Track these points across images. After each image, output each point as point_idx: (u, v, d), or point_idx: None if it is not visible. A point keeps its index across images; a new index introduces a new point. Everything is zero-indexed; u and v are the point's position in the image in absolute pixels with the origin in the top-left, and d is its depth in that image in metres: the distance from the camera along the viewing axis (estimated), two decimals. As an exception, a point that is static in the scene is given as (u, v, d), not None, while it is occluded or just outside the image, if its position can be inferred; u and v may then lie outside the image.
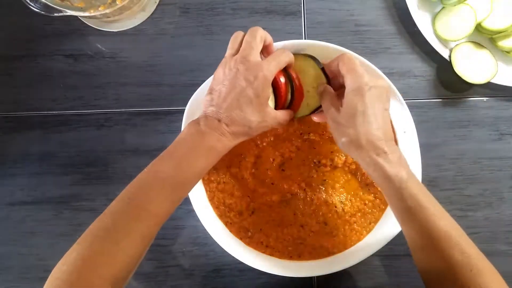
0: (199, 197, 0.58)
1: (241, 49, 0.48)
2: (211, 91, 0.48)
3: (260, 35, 0.48)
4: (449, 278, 0.41)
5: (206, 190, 0.59)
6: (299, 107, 0.56)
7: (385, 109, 0.46)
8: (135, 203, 0.43)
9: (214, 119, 0.46)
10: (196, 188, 0.57)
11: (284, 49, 0.50)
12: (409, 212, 0.43)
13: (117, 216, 0.42)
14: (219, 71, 0.49)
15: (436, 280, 0.43)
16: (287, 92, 0.55)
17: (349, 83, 0.46)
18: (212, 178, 0.59)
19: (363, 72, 0.46)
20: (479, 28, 0.64)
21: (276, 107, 0.55)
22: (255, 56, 0.47)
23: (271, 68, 0.47)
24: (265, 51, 0.51)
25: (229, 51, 0.49)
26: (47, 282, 0.40)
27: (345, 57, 0.47)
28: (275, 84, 0.55)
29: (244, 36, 0.49)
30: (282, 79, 0.55)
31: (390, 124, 0.47)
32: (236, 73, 0.46)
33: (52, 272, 0.40)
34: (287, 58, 0.49)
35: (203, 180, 0.59)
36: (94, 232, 0.42)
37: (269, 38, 0.50)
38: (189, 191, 0.47)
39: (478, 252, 0.42)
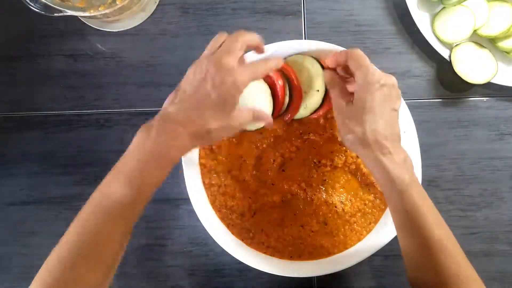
0: (200, 201, 0.58)
1: (218, 50, 0.44)
2: (177, 89, 0.46)
3: (243, 40, 0.44)
4: (437, 283, 0.42)
5: (208, 195, 0.59)
6: (298, 108, 0.56)
7: (394, 109, 0.46)
8: (90, 236, 0.42)
9: (170, 122, 0.43)
10: (197, 193, 0.58)
11: (272, 58, 0.47)
12: (406, 216, 0.44)
13: (75, 248, 0.42)
14: (191, 70, 0.45)
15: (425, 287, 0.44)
16: (284, 95, 0.55)
17: (359, 79, 0.45)
18: (213, 182, 0.59)
19: (374, 70, 0.45)
20: (477, 33, 0.64)
21: (274, 110, 0.55)
22: (230, 60, 0.42)
23: (243, 76, 0.42)
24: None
25: (206, 51, 0.47)
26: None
27: (355, 54, 0.47)
28: (272, 87, 0.55)
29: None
30: (280, 82, 0.55)
31: (398, 125, 0.47)
32: (205, 75, 0.43)
33: None
34: (265, 68, 0.45)
35: (204, 184, 0.59)
36: (50, 265, 0.41)
37: (255, 42, 0.46)
38: (146, 203, 0.44)
39: (467, 262, 0.44)
